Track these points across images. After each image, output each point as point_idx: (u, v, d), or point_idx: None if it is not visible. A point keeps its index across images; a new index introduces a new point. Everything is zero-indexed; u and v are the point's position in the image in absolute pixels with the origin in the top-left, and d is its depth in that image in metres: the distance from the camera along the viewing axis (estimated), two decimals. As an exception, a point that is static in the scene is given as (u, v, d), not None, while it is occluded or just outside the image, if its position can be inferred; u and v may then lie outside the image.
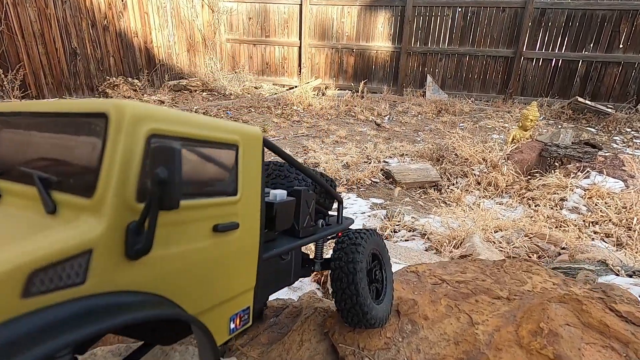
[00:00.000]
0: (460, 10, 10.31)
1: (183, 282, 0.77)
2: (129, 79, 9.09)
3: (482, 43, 10.38)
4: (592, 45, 9.52)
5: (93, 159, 0.65)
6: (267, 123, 7.94)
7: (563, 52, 9.80)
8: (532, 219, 3.95)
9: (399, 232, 3.79)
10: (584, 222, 3.88)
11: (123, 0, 8.98)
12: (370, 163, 5.89)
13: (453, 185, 5.12)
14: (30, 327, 0.51)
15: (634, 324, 1.20)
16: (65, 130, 0.72)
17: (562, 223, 3.88)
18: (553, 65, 9.97)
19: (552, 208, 4.19)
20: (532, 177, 5.13)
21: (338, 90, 11.40)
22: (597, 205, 4.06)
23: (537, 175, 5.11)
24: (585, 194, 4.30)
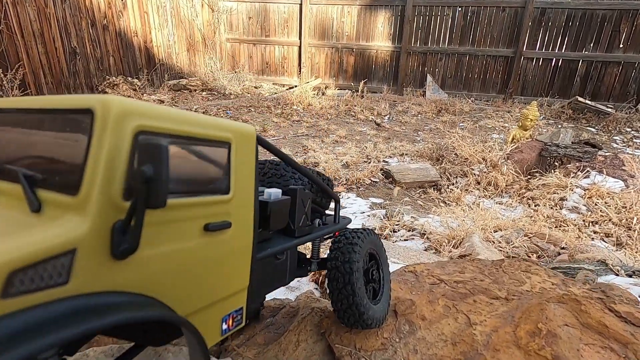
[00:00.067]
0: (461, 10, 10.30)
1: (173, 282, 0.76)
2: (129, 79, 9.08)
3: (482, 43, 10.36)
4: (592, 45, 9.51)
5: (78, 156, 0.64)
6: (266, 122, 7.93)
7: (563, 51, 9.79)
8: (531, 219, 3.93)
9: (399, 231, 3.78)
10: (584, 221, 3.87)
11: (123, 0, 8.97)
12: (370, 163, 5.87)
13: (453, 185, 5.11)
14: (10, 328, 0.50)
15: (634, 325, 1.19)
16: (51, 127, 0.70)
17: (561, 223, 3.87)
18: (553, 65, 9.96)
19: (551, 208, 4.18)
20: (532, 176, 5.12)
21: (338, 90, 11.39)
22: (597, 205, 4.05)
23: (537, 175, 5.10)
24: (585, 194, 4.29)
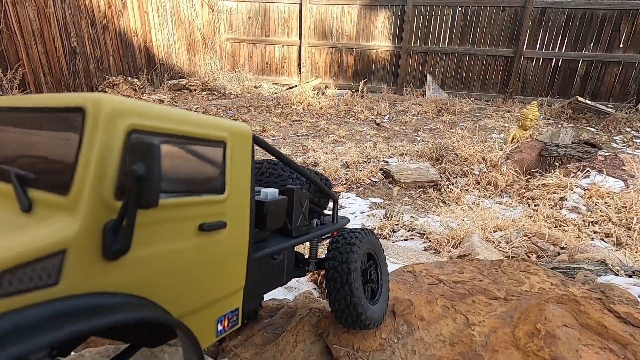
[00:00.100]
0: (461, 10, 10.29)
1: (166, 283, 0.75)
2: (129, 78, 9.08)
3: (482, 42, 10.36)
4: (592, 45, 9.50)
5: (70, 155, 0.63)
6: (266, 122, 7.92)
7: (563, 51, 9.78)
8: (531, 219, 3.93)
9: (398, 231, 3.77)
10: (584, 221, 3.86)
11: (122, 0, 8.97)
12: (370, 162, 5.87)
13: (452, 185, 5.10)
14: None
15: (633, 325, 1.18)
16: (43, 126, 0.70)
17: (561, 223, 3.86)
18: (553, 65, 9.95)
19: (551, 208, 4.17)
20: (531, 176, 5.11)
21: (338, 90, 11.38)
22: (596, 205, 4.04)
23: (536, 175, 5.09)
24: (585, 194, 4.28)
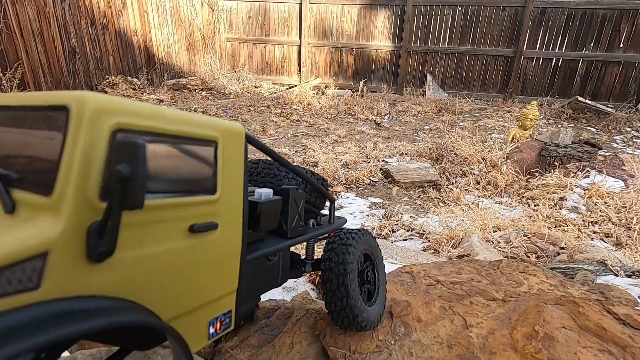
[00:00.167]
0: (461, 10, 10.28)
1: (156, 285, 0.73)
2: (128, 78, 9.08)
3: (482, 42, 10.35)
4: (592, 45, 9.49)
5: (53, 155, 0.61)
6: (266, 122, 7.92)
7: (563, 51, 9.77)
8: (531, 219, 3.91)
9: (397, 231, 3.76)
10: (584, 221, 3.85)
11: (122, -1, 8.97)
12: (370, 162, 5.86)
13: (452, 185, 5.09)
14: None
15: (632, 327, 1.17)
16: (27, 125, 0.68)
17: (561, 223, 3.85)
18: (553, 65, 9.94)
19: (551, 207, 4.16)
20: (531, 176, 5.10)
21: (338, 90, 11.37)
22: (596, 205, 4.03)
23: (536, 175, 5.08)
24: (585, 194, 4.27)
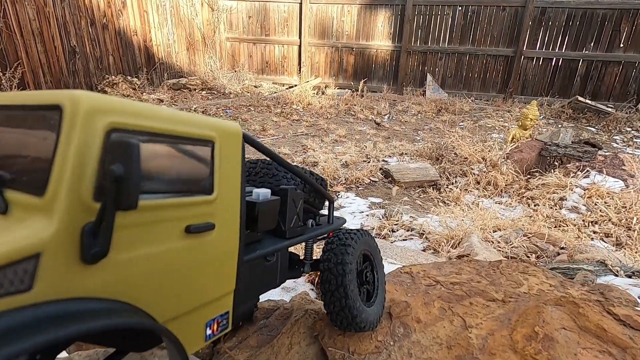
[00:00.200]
0: (461, 9, 10.27)
1: (151, 287, 0.72)
2: (128, 78, 9.07)
3: (482, 42, 10.34)
4: (592, 45, 9.48)
5: (46, 155, 0.61)
6: (266, 122, 7.91)
7: (563, 51, 9.76)
8: (531, 219, 3.91)
9: (397, 231, 3.75)
10: (584, 221, 3.84)
11: (122, -1, 8.96)
12: (370, 162, 5.85)
13: (452, 185, 5.08)
14: None
15: (633, 328, 1.17)
16: (21, 124, 0.68)
17: (561, 223, 3.84)
18: (553, 65, 9.93)
19: (551, 207, 4.16)
20: (531, 176, 5.09)
21: (338, 89, 11.37)
22: (596, 205, 4.02)
23: (536, 175, 5.08)
24: (585, 194, 4.26)
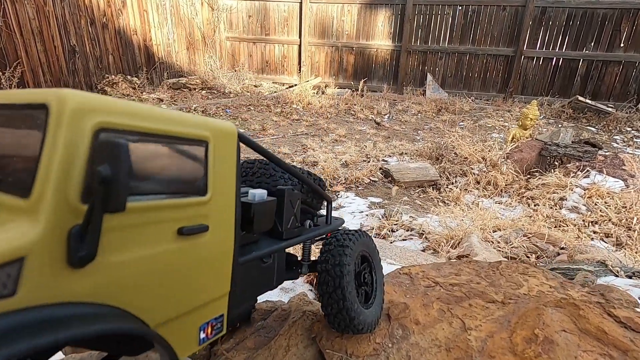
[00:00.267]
0: (461, 9, 10.25)
1: (142, 290, 0.71)
2: (128, 77, 9.06)
3: (482, 42, 10.32)
4: (592, 44, 9.47)
5: (32, 156, 0.59)
6: (266, 121, 7.90)
7: (564, 51, 9.75)
8: (531, 219, 3.90)
9: (397, 231, 3.74)
10: (584, 221, 3.83)
11: (122, -2, 8.95)
12: (369, 162, 5.84)
13: (452, 185, 5.07)
14: None
15: (633, 330, 1.15)
16: (7, 124, 0.66)
17: (561, 223, 3.83)
18: (553, 64, 9.91)
19: (551, 207, 4.15)
20: (531, 176, 5.08)
21: (338, 89, 11.35)
22: (596, 205, 4.01)
23: (536, 175, 5.06)
24: (585, 194, 4.25)
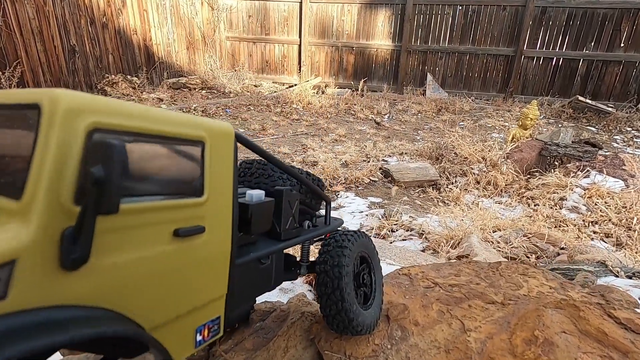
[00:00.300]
0: (461, 9, 10.24)
1: (137, 293, 0.70)
2: (128, 77, 9.05)
3: (482, 41, 10.31)
4: (592, 44, 9.46)
5: (25, 156, 0.58)
6: (266, 121, 7.90)
7: (564, 50, 9.74)
8: (531, 219, 3.89)
9: (397, 231, 3.74)
10: (584, 221, 3.83)
11: (122, -2, 8.94)
12: (369, 162, 5.83)
13: (452, 185, 5.06)
14: None
15: (634, 332, 1.15)
16: (0, 124, 0.65)
17: (561, 223, 3.83)
18: (554, 64, 9.91)
19: (551, 207, 4.14)
20: (531, 176, 5.08)
21: (338, 89, 11.34)
22: (596, 205, 4.01)
23: (536, 175, 5.06)
24: (585, 194, 4.25)
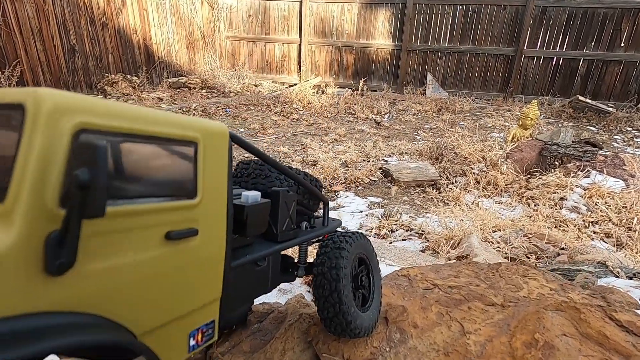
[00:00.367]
0: (461, 8, 10.22)
1: (128, 298, 0.68)
2: (128, 76, 9.04)
3: (482, 41, 10.30)
4: (593, 44, 9.44)
5: (8, 158, 0.57)
6: (266, 121, 7.88)
7: (564, 50, 9.72)
8: (531, 219, 3.88)
9: (397, 231, 3.73)
10: (584, 221, 3.81)
11: (121, -3, 8.93)
12: (369, 161, 5.82)
13: (452, 184, 5.05)
14: None
15: (635, 335, 1.14)
16: None
17: (561, 223, 3.82)
18: (554, 64, 9.88)
19: (551, 207, 4.13)
20: (531, 176, 5.06)
21: (338, 88, 11.33)
22: (597, 205, 3.99)
23: (536, 174, 5.05)
24: (585, 194, 4.23)
